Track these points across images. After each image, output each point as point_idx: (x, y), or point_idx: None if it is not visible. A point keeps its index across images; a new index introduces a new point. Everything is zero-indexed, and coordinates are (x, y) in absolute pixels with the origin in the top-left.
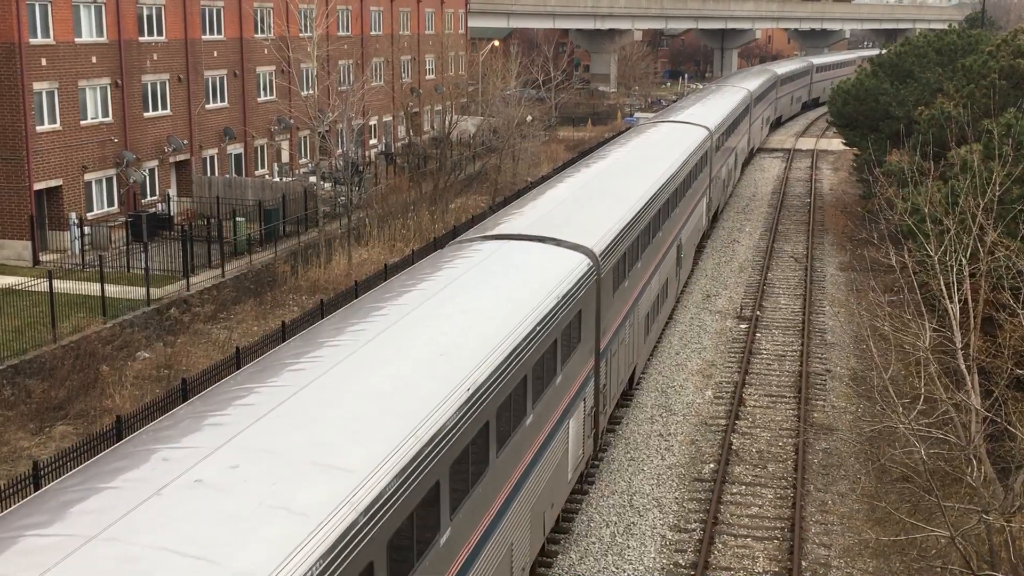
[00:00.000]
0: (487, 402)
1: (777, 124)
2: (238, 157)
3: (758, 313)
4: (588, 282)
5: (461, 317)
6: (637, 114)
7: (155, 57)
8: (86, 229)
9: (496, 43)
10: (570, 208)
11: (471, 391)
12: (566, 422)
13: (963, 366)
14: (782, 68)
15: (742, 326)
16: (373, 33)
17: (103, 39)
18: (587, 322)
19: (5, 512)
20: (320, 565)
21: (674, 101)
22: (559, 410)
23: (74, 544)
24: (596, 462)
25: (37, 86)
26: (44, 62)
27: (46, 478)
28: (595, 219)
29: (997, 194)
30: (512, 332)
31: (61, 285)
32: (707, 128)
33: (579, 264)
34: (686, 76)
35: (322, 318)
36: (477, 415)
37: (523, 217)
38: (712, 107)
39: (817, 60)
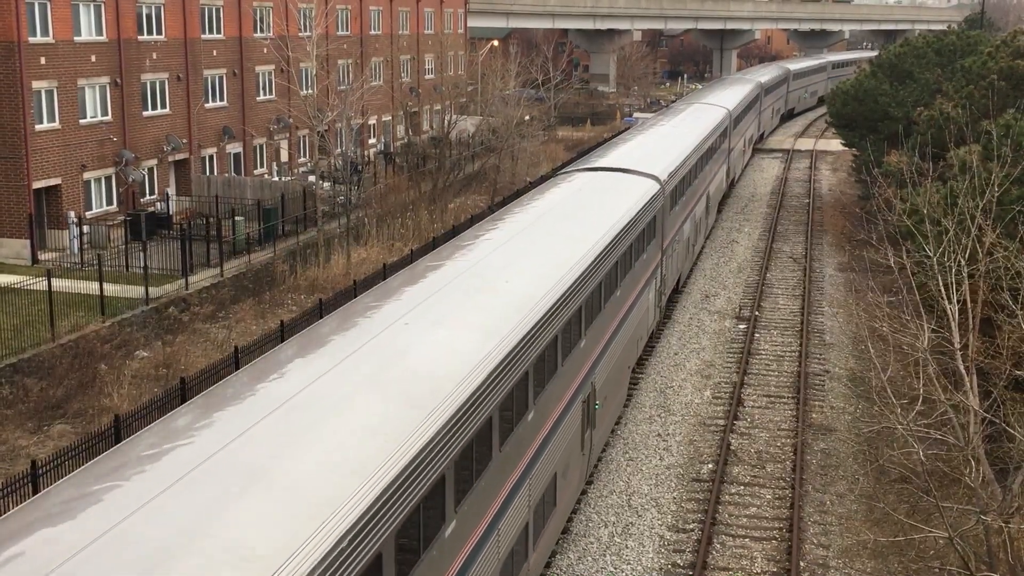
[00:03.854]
0: None
1: (759, 141)
2: (237, 156)
3: (757, 313)
4: None
5: None
6: (636, 114)
7: (154, 56)
8: (85, 228)
9: (495, 43)
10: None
11: None
12: None
13: (962, 367)
14: (765, 76)
15: (741, 326)
16: (372, 33)
17: (102, 38)
18: None
19: None
20: None
21: (673, 101)
22: None
23: None
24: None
25: (36, 85)
26: (43, 61)
27: (44, 477)
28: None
29: (996, 195)
30: None
31: (60, 284)
32: (656, 178)
33: None
34: (685, 76)
35: (320, 318)
36: None
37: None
38: (668, 143)
39: (793, 66)
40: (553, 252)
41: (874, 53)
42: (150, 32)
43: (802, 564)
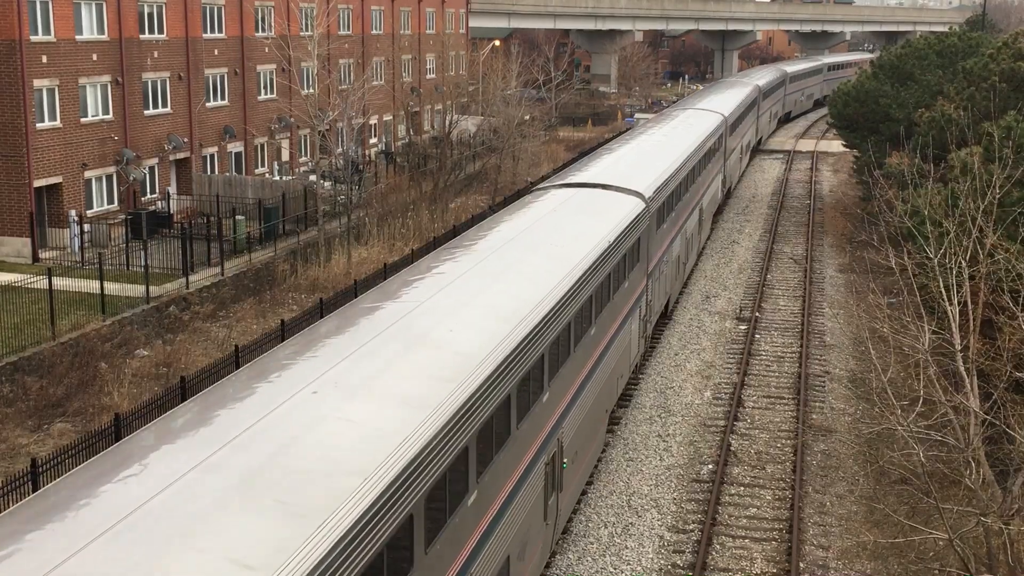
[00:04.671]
0: None
1: (756, 147)
2: (238, 155)
3: (757, 314)
4: None
5: None
6: (637, 115)
7: (156, 55)
8: (86, 227)
9: (497, 43)
10: None
11: None
12: None
13: (962, 368)
14: (763, 79)
15: (741, 327)
16: (374, 32)
17: (104, 36)
18: None
19: None
20: None
21: (674, 101)
22: None
23: None
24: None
25: (38, 83)
26: (45, 59)
27: (44, 475)
28: None
29: (997, 197)
30: None
31: (60, 282)
32: (640, 195)
33: None
34: (686, 77)
35: (321, 317)
36: None
37: None
38: (656, 154)
39: (790, 68)
40: (513, 290)
41: (870, 55)
42: (151, 31)
43: (802, 565)
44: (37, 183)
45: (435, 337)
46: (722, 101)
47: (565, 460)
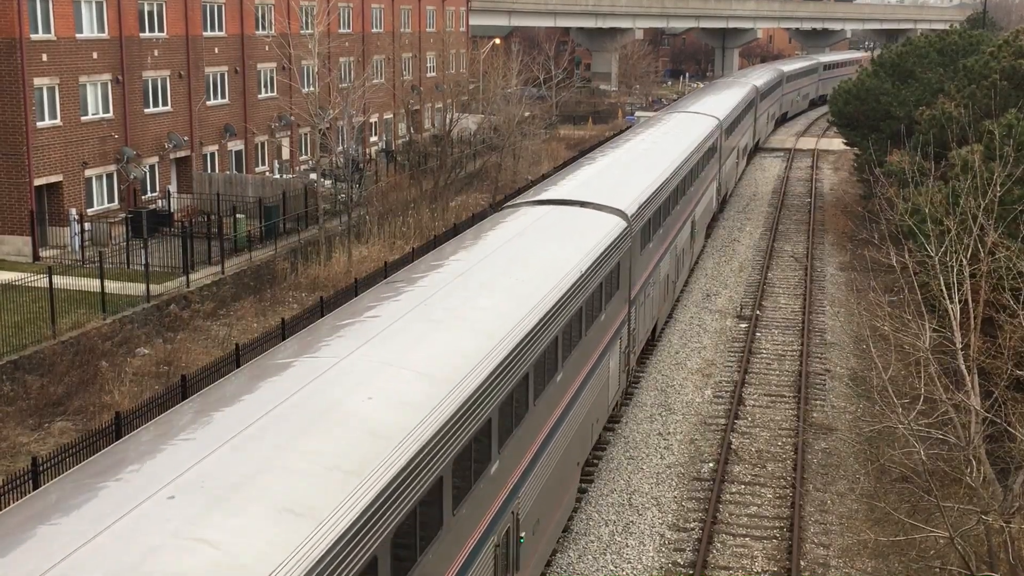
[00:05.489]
0: None
1: (754, 151)
2: (239, 154)
3: (758, 312)
4: None
5: None
6: (638, 113)
7: (156, 53)
8: (86, 225)
9: (497, 41)
10: None
11: None
12: None
13: (963, 367)
14: (761, 78)
15: (742, 325)
16: (374, 30)
17: (104, 35)
18: None
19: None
20: None
21: (675, 100)
22: None
23: None
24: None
25: (38, 82)
26: (45, 58)
27: (45, 474)
28: None
29: (998, 195)
30: None
31: (61, 281)
32: (622, 213)
33: None
34: (687, 75)
35: (322, 316)
36: None
37: None
38: (642, 165)
39: (787, 68)
40: (456, 338)
41: (865, 54)
42: (152, 29)
43: (803, 563)
44: (37, 182)
45: (347, 409)
46: (717, 103)
47: (522, 534)
